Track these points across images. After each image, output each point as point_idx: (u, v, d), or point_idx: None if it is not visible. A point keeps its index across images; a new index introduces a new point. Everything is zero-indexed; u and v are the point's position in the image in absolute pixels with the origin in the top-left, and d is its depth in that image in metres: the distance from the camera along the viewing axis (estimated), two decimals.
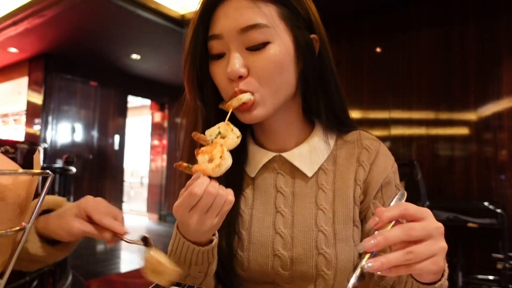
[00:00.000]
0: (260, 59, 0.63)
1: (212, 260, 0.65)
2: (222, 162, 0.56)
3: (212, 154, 0.57)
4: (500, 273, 2.65)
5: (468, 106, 3.25)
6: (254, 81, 0.63)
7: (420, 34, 3.52)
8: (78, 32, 4.79)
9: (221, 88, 0.67)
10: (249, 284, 0.72)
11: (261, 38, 0.62)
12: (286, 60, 0.64)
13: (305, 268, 0.67)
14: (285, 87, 0.66)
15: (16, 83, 6.27)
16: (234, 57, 0.63)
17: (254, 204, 0.73)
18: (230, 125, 0.61)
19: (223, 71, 0.65)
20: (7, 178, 0.40)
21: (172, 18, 4.25)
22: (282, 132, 0.73)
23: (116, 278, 3.63)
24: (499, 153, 3.08)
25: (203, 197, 0.54)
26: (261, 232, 0.70)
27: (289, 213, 0.70)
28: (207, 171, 0.56)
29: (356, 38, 3.86)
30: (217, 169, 0.56)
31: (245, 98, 0.63)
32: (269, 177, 0.74)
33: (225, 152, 0.57)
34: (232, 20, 0.62)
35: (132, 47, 5.27)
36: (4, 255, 0.44)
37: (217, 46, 0.65)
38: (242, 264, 0.70)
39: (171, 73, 6.40)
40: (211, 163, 0.57)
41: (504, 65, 3.11)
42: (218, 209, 0.56)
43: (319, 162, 0.72)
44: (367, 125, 3.75)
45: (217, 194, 0.55)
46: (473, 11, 3.26)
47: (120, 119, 6.63)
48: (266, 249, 0.69)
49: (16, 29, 4.58)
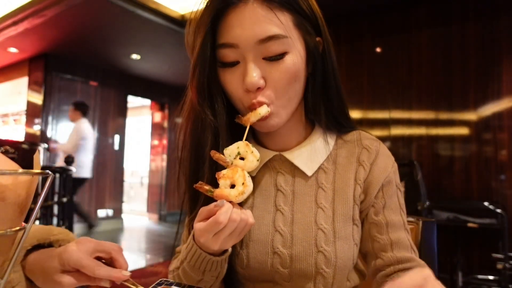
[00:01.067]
0: (278, 71, 0.63)
1: (224, 265, 0.66)
2: (245, 190, 0.57)
3: (234, 179, 0.58)
4: (500, 273, 2.65)
5: (468, 106, 3.25)
6: (271, 93, 0.64)
7: (420, 34, 3.52)
8: (78, 32, 4.79)
9: (235, 97, 0.66)
10: (249, 282, 0.73)
11: (279, 49, 0.62)
12: (301, 68, 0.65)
13: (305, 266, 0.67)
14: (297, 96, 0.68)
15: (16, 83, 6.27)
16: (252, 68, 0.62)
17: (255, 202, 0.74)
18: (250, 146, 0.61)
19: (237, 80, 0.64)
20: (7, 178, 0.40)
21: (172, 18, 4.25)
22: (284, 132, 0.73)
23: None
24: (499, 153, 3.08)
25: (228, 225, 0.56)
26: (261, 230, 0.71)
27: (289, 211, 0.71)
28: (230, 197, 0.57)
29: (356, 38, 3.86)
30: (240, 196, 0.57)
31: (263, 112, 0.63)
32: (269, 176, 0.74)
33: (246, 178, 0.58)
34: (249, 31, 0.61)
35: (132, 47, 5.27)
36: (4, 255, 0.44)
37: (231, 54, 0.63)
38: (241, 261, 0.70)
39: (171, 73, 6.40)
40: (233, 190, 0.58)
41: (504, 65, 3.11)
42: (240, 232, 0.59)
43: (319, 162, 0.72)
44: (367, 125, 3.75)
45: (240, 220, 0.57)
46: (473, 11, 3.26)
47: (120, 119, 6.63)
48: (266, 246, 0.69)
49: (16, 29, 4.58)
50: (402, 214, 0.72)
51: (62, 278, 0.54)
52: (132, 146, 8.68)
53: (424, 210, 2.84)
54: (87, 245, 0.55)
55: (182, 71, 6.40)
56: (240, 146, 0.61)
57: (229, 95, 0.68)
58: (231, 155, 0.60)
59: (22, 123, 6.14)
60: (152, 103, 7.50)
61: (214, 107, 0.68)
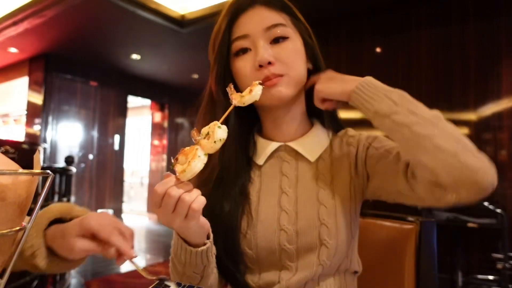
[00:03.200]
0: (284, 50, 0.74)
1: (207, 263, 0.68)
2: (187, 168, 0.55)
3: (187, 157, 0.56)
4: (500, 273, 2.65)
5: (468, 106, 3.25)
6: (281, 66, 0.73)
7: (420, 34, 3.52)
8: (78, 32, 4.79)
9: (246, 77, 0.75)
10: (256, 267, 0.76)
11: (282, 33, 0.75)
12: (302, 53, 0.78)
13: (309, 239, 0.73)
14: (303, 75, 0.78)
15: (16, 83, 6.27)
16: (262, 47, 0.73)
17: (261, 187, 0.80)
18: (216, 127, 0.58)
19: (250, 63, 0.74)
20: (7, 178, 0.40)
21: (172, 18, 4.25)
22: (290, 124, 0.82)
23: (116, 278, 3.63)
24: (499, 153, 3.08)
25: (164, 198, 0.56)
26: (268, 210, 0.77)
27: (293, 192, 0.78)
28: (177, 173, 0.56)
29: (356, 38, 3.86)
30: (182, 174, 0.55)
31: (257, 95, 0.63)
32: (275, 164, 0.82)
33: (196, 157, 0.55)
34: (257, 22, 0.75)
35: (132, 47, 5.27)
36: (4, 255, 0.44)
37: (243, 43, 0.76)
38: (250, 242, 0.75)
39: (171, 73, 6.40)
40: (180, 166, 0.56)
41: (504, 65, 3.11)
42: (183, 212, 0.57)
43: (320, 151, 0.81)
44: (367, 125, 3.72)
45: (178, 198, 0.56)
46: (473, 11, 3.27)
47: (120, 119, 6.63)
48: (273, 225, 0.75)
49: (16, 29, 4.58)
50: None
51: (75, 242, 0.60)
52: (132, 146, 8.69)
53: (424, 210, 2.84)
54: (107, 217, 0.62)
55: (182, 71, 6.41)
56: (211, 126, 0.58)
57: (241, 81, 0.77)
58: (203, 133, 0.58)
59: (22, 123, 6.14)
60: (152, 103, 7.50)
61: (226, 92, 0.74)
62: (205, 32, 1.22)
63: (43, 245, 0.64)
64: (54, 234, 0.64)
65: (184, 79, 6.62)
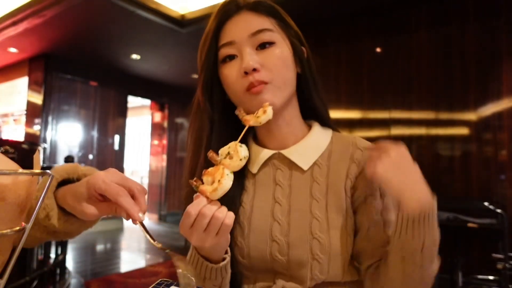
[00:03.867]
0: (269, 56, 0.73)
1: (225, 275, 0.70)
2: (219, 187, 0.59)
3: (214, 177, 0.60)
4: (500, 273, 2.65)
5: (468, 106, 3.25)
6: (267, 73, 0.72)
7: (420, 34, 3.52)
8: (78, 32, 4.79)
9: (233, 84, 0.74)
10: (250, 273, 0.77)
11: (268, 38, 0.73)
12: (289, 59, 0.75)
13: (301, 252, 0.71)
14: (290, 83, 0.76)
15: (16, 83, 6.27)
16: (247, 53, 0.72)
17: (255, 196, 0.79)
18: (237, 146, 0.63)
19: (236, 69, 0.73)
20: (7, 178, 0.40)
21: (172, 18, 4.25)
22: (283, 131, 0.80)
23: (116, 278, 3.63)
24: (499, 153, 3.08)
25: (198, 218, 0.58)
26: (260, 220, 0.76)
27: (286, 203, 0.76)
28: (207, 193, 0.59)
29: (356, 38, 3.86)
30: (214, 193, 0.59)
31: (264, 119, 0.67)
32: (269, 172, 0.80)
33: (224, 175, 0.60)
34: (243, 28, 0.74)
35: (132, 47, 5.27)
36: (4, 255, 0.44)
37: (229, 50, 0.74)
38: (242, 250, 0.75)
39: (171, 73, 6.40)
40: (210, 186, 0.60)
41: (504, 65, 3.11)
42: (215, 230, 0.59)
43: (314, 157, 0.78)
44: (367, 125, 3.75)
45: (212, 216, 0.58)
46: (473, 11, 3.27)
47: (120, 119, 6.63)
48: (265, 235, 0.74)
49: (16, 29, 4.59)
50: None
51: (87, 208, 0.59)
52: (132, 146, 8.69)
53: None
54: (114, 175, 0.59)
55: (182, 71, 6.41)
56: (231, 146, 0.63)
57: (228, 88, 0.76)
58: (222, 154, 0.63)
59: (22, 123, 6.14)
60: (152, 103, 7.50)
61: (212, 99, 0.78)
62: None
63: (56, 206, 0.63)
64: (64, 196, 0.63)
65: (184, 79, 6.62)
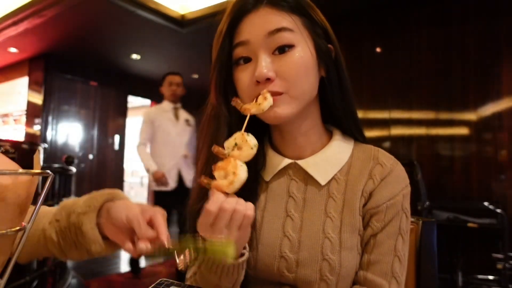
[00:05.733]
0: (287, 62, 0.65)
1: (241, 271, 0.67)
2: (235, 179, 0.56)
3: (227, 170, 0.57)
4: (500, 273, 2.65)
5: (468, 106, 3.25)
6: (282, 83, 0.65)
7: (420, 34, 3.52)
8: (78, 32, 4.79)
9: (244, 91, 0.68)
10: (257, 282, 0.74)
11: (287, 40, 0.65)
12: (310, 63, 0.67)
13: (309, 272, 0.68)
14: (309, 90, 0.69)
15: (16, 83, 6.27)
16: (262, 60, 0.65)
17: (266, 206, 0.75)
18: (245, 135, 0.60)
19: (249, 75, 0.67)
20: (7, 178, 0.40)
21: (172, 18, 4.25)
22: (300, 140, 0.74)
23: (116, 278, 3.63)
24: (499, 153, 3.08)
25: (219, 214, 0.55)
26: (270, 234, 0.72)
27: (299, 218, 0.72)
28: (223, 188, 0.56)
29: (356, 38, 3.86)
30: (231, 186, 0.56)
31: (266, 106, 0.63)
32: (283, 183, 0.75)
33: (238, 167, 0.57)
34: (259, 26, 0.66)
35: (132, 47, 5.27)
36: (4, 255, 0.44)
37: (243, 51, 0.68)
38: (249, 262, 0.71)
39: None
40: (225, 180, 0.57)
41: (504, 65, 3.11)
42: (238, 224, 0.57)
43: (333, 172, 0.72)
44: (367, 125, 3.75)
45: (233, 210, 0.55)
46: (473, 11, 3.27)
47: (120, 119, 6.63)
48: (274, 250, 0.71)
49: (16, 29, 4.58)
50: (399, 240, 0.69)
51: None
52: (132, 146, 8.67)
53: (424, 210, 2.84)
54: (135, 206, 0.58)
55: (182, 71, 6.39)
56: (237, 137, 0.60)
57: (240, 93, 0.70)
58: (229, 147, 0.60)
59: (22, 123, 6.14)
60: (152, 103, 7.49)
61: (229, 104, 0.70)
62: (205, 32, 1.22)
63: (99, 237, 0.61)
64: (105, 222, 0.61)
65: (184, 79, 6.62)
